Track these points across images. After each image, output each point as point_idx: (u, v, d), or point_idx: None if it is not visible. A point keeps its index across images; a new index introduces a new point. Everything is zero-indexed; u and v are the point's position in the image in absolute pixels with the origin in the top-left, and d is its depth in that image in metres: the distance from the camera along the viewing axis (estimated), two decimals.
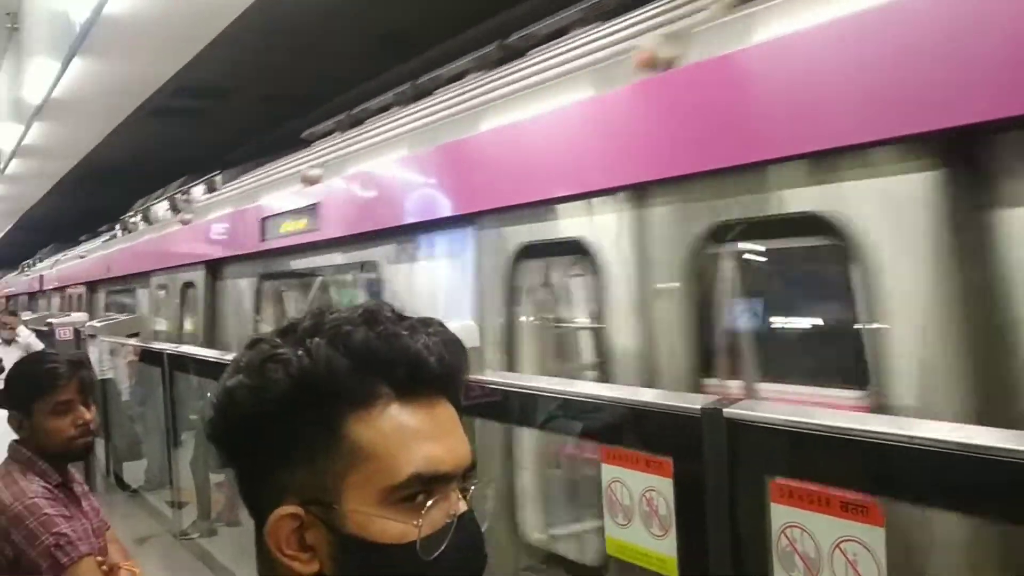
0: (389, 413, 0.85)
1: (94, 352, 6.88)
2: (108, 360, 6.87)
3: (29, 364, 2.47)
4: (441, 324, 0.91)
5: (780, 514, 1.29)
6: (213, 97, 9.87)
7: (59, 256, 16.74)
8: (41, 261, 19.57)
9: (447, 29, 7.21)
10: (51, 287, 15.23)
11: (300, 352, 0.84)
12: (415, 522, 0.83)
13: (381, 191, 3.86)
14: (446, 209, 3.31)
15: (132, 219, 11.09)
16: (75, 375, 2.38)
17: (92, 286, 11.72)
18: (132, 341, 5.93)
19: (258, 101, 10.08)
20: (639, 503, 1.57)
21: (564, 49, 3.37)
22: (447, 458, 0.86)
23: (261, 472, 0.87)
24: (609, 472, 1.63)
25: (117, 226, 12.08)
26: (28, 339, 8.69)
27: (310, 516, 0.84)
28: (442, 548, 0.84)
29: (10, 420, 2.41)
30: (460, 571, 0.88)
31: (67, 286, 13.66)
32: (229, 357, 4.28)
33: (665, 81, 2.30)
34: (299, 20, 6.91)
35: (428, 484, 0.84)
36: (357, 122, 5.84)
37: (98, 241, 13.76)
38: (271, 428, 0.85)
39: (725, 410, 1.38)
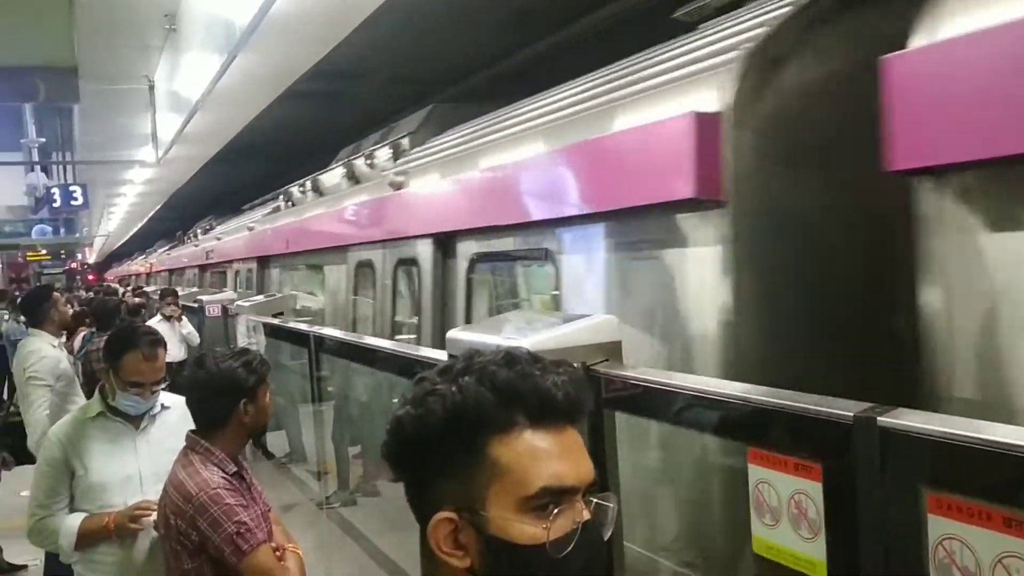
0: (524, 437, 1.04)
1: (240, 328, 7.29)
2: (252, 336, 7.25)
3: (245, 355, 2.80)
4: (571, 365, 1.11)
5: (938, 526, 1.29)
6: (346, 79, 10.17)
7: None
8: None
9: (580, 7, 7.19)
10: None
11: (454, 388, 1.04)
12: (544, 526, 1.00)
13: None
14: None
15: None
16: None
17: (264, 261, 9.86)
18: (277, 320, 6.22)
19: (387, 83, 10.33)
20: (787, 506, 1.59)
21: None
22: (571, 474, 1.04)
23: (423, 484, 1.08)
24: (756, 473, 1.66)
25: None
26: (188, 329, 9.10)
27: (462, 520, 1.03)
28: (568, 549, 1.01)
29: (244, 409, 2.72)
30: (584, 569, 1.04)
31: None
32: (368, 339, 4.49)
33: None
34: (437, 2, 7.00)
35: (556, 496, 1.02)
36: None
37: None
38: (431, 449, 1.05)
39: (879, 418, 1.39)
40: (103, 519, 3.02)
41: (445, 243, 4.69)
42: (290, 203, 9.57)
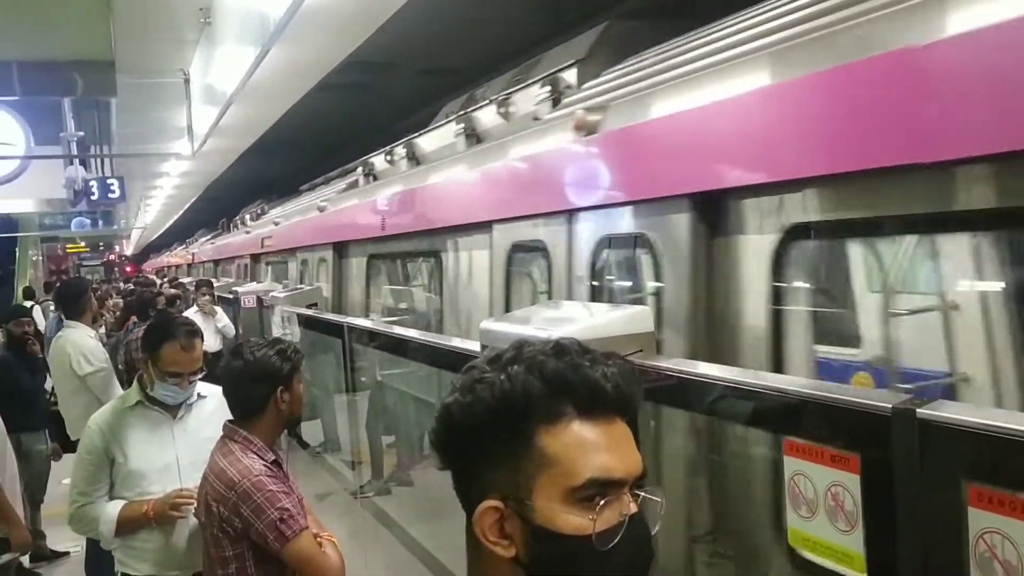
0: (572, 428, 1.02)
1: (275, 319, 7.36)
2: (287, 327, 7.30)
3: (281, 345, 2.87)
4: (622, 357, 1.10)
5: (978, 519, 1.27)
6: (376, 71, 10.21)
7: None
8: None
9: None
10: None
11: (503, 377, 1.03)
12: (591, 518, 1.00)
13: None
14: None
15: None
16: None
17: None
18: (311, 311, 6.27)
19: (415, 75, 10.37)
20: (824, 498, 1.57)
21: None
22: (619, 466, 1.03)
23: (470, 472, 1.07)
24: (792, 465, 1.64)
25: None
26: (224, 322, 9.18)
27: (508, 509, 1.03)
28: (615, 541, 1.01)
29: (280, 396, 2.79)
30: (629, 563, 1.04)
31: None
32: (399, 330, 4.53)
33: None
34: None
35: (603, 487, 1.01)
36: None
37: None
38: (479, 437, 1.05)
39: (919, 410, 1.37)
40: (142, 506, 3.08)
41: (711, 209, 2.77)
42: (371, 177, 7.66)
